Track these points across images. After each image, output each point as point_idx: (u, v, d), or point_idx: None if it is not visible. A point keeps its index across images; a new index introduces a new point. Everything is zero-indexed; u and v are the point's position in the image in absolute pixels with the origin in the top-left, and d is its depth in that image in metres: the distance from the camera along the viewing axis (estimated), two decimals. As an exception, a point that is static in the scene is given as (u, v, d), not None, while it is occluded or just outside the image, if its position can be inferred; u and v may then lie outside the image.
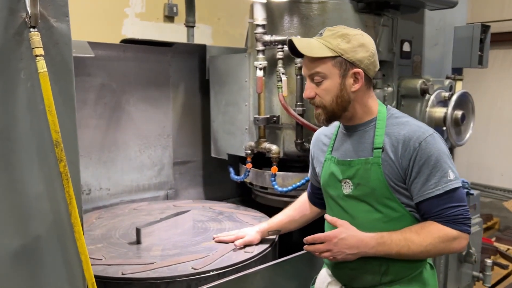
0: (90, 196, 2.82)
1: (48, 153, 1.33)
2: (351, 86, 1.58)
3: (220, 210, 2.75)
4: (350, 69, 1.57)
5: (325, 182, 1.76)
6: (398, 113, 1.67)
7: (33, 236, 1.34)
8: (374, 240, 1.55)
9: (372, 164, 1.58)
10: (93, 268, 1.84)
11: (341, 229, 1.60)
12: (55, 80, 1.31)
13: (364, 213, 1.63)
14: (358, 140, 1.65)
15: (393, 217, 1.59)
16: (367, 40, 1.61)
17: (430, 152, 1.52)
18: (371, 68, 1.60)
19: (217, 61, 3.01)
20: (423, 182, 1.52)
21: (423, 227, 1.54)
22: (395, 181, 1.56)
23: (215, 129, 3.09)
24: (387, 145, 1.57)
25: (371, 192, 1.59)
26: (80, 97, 2.70)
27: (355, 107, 1.62)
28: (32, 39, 1.25)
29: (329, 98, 1.59)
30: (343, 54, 1.55)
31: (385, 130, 1.60)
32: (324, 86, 1.59)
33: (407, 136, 1.55)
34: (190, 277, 1.86)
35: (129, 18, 4.68)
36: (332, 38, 1.58)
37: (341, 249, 1.56)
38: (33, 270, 1.36)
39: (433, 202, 1.53)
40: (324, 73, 1.57)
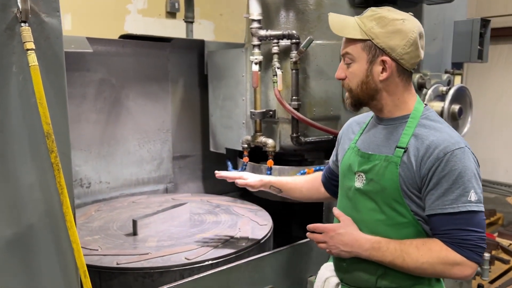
0: (90, 189, 2.87)
1: (40, 145, 1.37)
2: (379, 74, 1.48)
3: (217, 203, 2.79)
4: (379, 55, 1.46)
5: (342, 171, 1.68)
6: (435, 117, 1.53)
7: (26, 225, 1.38)
8: (370, 243, 1.48)
9: (390, 163, 1.47)
10: (89, 258, 1.91)
11: (340, 224, 1.57)
12: (46, 73, 1.35)
13: (369, 212, 1.54)
14: (385, 135, 1.54)
15: (398, 222, 1.49)
16: (408, 27, 1.45)
17: (454, 166, 1.38)
18: (406, 58, 1.46)
19: (215, 56, 3.04)
20: (439, 196, 1.40)
21: (425, 243, 1.43)
22: (408, 186, 1.45)
23: (213, 124, 3.12)
24: (412, 147, 1.45)
25: (381, 190, 1.49)
26: (80, 92, 2.75)
27: (384, 98, 1.51)
28: (23, 33, 1.29)
29: (355, 83, 1.51)
30: (374, 38, 1.44)
31: (414, 130, 1.47)
32: (352, 68, 1.51)
33: (434, 143, 1.42)
34: (183, 267, 1.90)
35: (131, 14, 4.72)
36: (368, 19, 1.47)
37: (336, 244, 1.53)
38: (26, 258, 1.40)
39: (444, 219, 1.40)
40: (353, 55, 1.49)
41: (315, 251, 2.29)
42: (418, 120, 1.49)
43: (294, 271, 2.19)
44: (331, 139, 2.65)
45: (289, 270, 2.17)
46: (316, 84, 2.61)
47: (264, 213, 2.60)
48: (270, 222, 2.44)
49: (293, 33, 2.50)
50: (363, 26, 1.47)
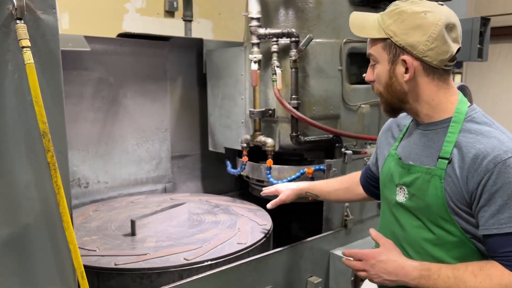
0: (88, 189, 2.85)
1: (36, 144, 1.34)
2: (403, 75, 1.33)
3: (216, 203, 2.77)
4: (400, 54, 1.32)
5: (383, 182, 1.53)
6: (481, 118, 1.33)
7: (22, 225, 1.36)
8: (417, 271, 1.30)
9: (432, 176, 1.31)
10: (87, 258, 1.88)
11: (381, 250, 1.40)
12: (43, 71, 1.33)
13: (414, 229, 1.39)
14: (425, 143, 1.38)
15: (448, 241, 1.32)
16: (430, 20, 1.28)
17: (508, 178, 1.20)
18: (430, 55, 1.29)
19: (213, 55, 3.02)
20: (493, 213, 1.22)
21: (483, 268, 1.23)
22: (456, 202, 1.28)
23: (212, 123, 3.10)
24: (456, 157, 1.28)
25: (426, 208, 1.34)
26: (78, 91, 2.73)
27: (417, 101, 1.36)
28: (19, 30, 1.26)
29: (382, 86, 1.39)
30: (392, 36, 1.32)
31: (458, 136, 1.29)
32: (377, 70, 1.39)
33: (482, 152, 1.23)
34: (181, 268, 1.88)
35: (129, 13, 4.70)
36: (388, 15, 1.34)
37: (378, 272, 1.36)
38: (22, 259, 1.37)
39: (502, 240, 1.22)
40: (375, 56, 1.38)
41: (315, 251, 2.27)
42: (462, 123, 1.31)
43: (294, 272, 2.17)
44: (331, 138, 2.63)
45: (289, 270, 2.15)
46: (316, 83, 2.59)
47: (264, 213, 2.58)
48: (269, 222, 2.42)
49: (293, 31, 2.48)
50: (382, 23, 1.34)
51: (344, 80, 2.65)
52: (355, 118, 2.74)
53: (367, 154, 2.55)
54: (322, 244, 2.31)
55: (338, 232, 2.41)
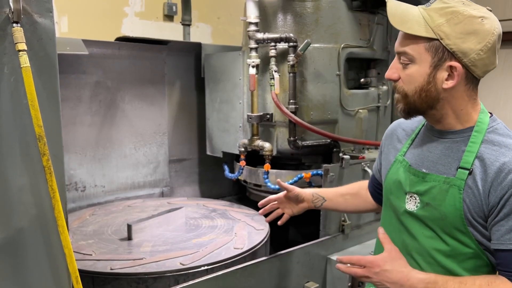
0: (85, 193, 2.84)
1: (31, 147, 1.34)
2: (443, 81, 1.24)
3: (213, 208, 2.76)
4: (447, 59, 1.22)
5: (388, 189, 1.46)
6: (504, 129, 1.29)
7: (16, 229, 1.35)
8: (423, 284, 1.25)
9: (451, 186, 1.26)
10: (82, 263, 1.87)
11: (386, 258, 1.33)
12: (39, 75, 1.32)
13: (427, 239, 1.34)
14: (443, 151, 1.32)
15: (461, 253, 1.28)
16: (487, 28, 1.21)
17: None
18: (479, 65, 1.22)
19: (212, 59, 3.02)
20: (510, 229, 1.18)
21: (491, 284, 1.20)
22: (474, 215, 1.24)
23: (210, 127, 3.10)
24: (477, 168, 1.23)
25: (441, 218, 1.29)
26: (75, 95, 2.73)
27: (445, 108, 1.29)
28: (15, 34, 1.26)
29: (412, 88, 1.28)
30: (443, 38, 1.21)
31: (480, 147, 1.25)
32: (409, 71, 1.27)
33: (507, 165, 1.19)
34: (177, 273, 1.87)
35: (128, 17, 4.70)
36: (438, 13, 1.23)
37: (382, 281, 1.31)
38: (16, 263, 1.36)
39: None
40: (413, 56, 1.25)
41: (312, 257, 2.26)
42: (484, 134, 1.26)
43: (291, 277, 2.16)
44: (329, 143, 2.63)
45: (285, 276, 2.14)
46: (314, 87, 2.59)
47: (261, 217, 2.56)
48: (266, 227, 2.41)
49: (291, 36, 2.49)
50: (430, 21, 1.23)
51: (342, 85, 2.65)
52: (353, 123, 2.74)
53: (365, 159, 2.55)
54: (319, 249, 2.30)
55: (335, 237, 2.40)
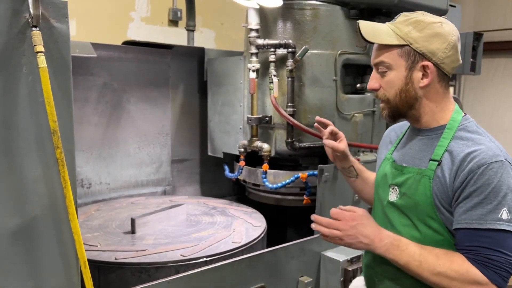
0: (91, 190, 2.96)
1: (46, 141, 1.46)
2: (419, 81, 1.40)
3: (213, 205, 2.88)
4: (419, 61, 1.38)
5: (377, 182, 1.61)
6: (473, 127, 1.41)
7: (30, 216, 1.47)
8: (390, 240, 1.38)
9: (423, 176, 1.39)
10: (88, 253, 1.98)
11: (361, 215, 1.43)
12: (54, 74, 1.45)
13: (404, 227, 1.46)
14: (420, 147, 1.47)
15: (434, 240, 1.39)
16: (447, 30, 1.39)
17: (489, 180, 1.27)
18: (446, 62, 1.39)
19: (214, 63, 3.15)
20: (467, 209, 1.30)
21: (447, 254, 1.33)
22: (442, 202, 1.36)
23: (211, 129, 3.22)
24: (446, 160, 1.36)
25: (414, 206, 1.41)
26: (83, 95, 2.85)
27: (423, 106, 1.43)
28: (34, 37, 1.38)
29: (393, 92, 1.42)
30: (413, 43, 1.37)
31: (450, 142, 1.38)
32: (388, 77, 1.42)
33: (470, 155, 1.31)
34: (178, 263, 1.98)
35: (134, 21, 4.84)
36: (403, 24, 1.40)
37: (356, 233, 1.40)
38: (29, 248, 1.48)
39: (470, 234, 1.30)
40: (389, 63, 1.41)
41: (306, 252, 2.37)
42: (455, 131, 1.40)
43: (286, 271, 2.26)
44: (325, 145, 2.73)
45: (281, 269, 2.24)
46: (311, 91, 2.71)
47: (259, 215, 2.69)
48: (264, 224, 2.52)
49: (290, 42, 2.61)
50: (399, 31, 1.39)
51: (339, 89, 2.77)
52: (349, 126, 2.85)
53: (360, 161, 2.65)
54: (314, 245, 2.40)
55: (330, 235, 2.50)
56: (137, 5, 4.86)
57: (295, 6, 2.70)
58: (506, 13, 7.50)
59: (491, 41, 6.62)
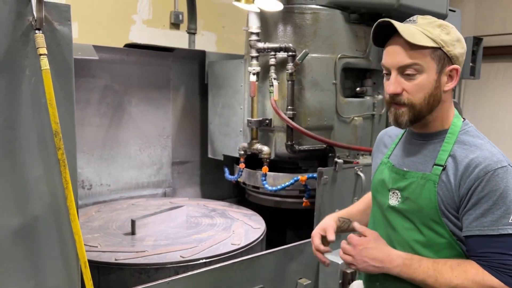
0: (91, 191, 2.98)
1: (47, 142, 1.48)
2: (445, 84, 1.38)
3: (213, 208, 2.89)
4: (447, 65, 1.36)
5: (375, 187, 1.60)
6: (474, 132, 1.44)
7: (32, 216, 1.49)
8: (401, 259, 1.38)
9: (427, 181, 1.40)
10: (89, 254, 2.00)
11: (370, 238, 1.44)
12: (57, 76, 1.47)
13: (406, 231, 1.45)
14: (421, 151, 1.46)
15: (437, 243, 1.40)
16: (461, 36, 1.40)
17: (496, 186, 1.29)
18: (461, 67, 1.40)
19: (215, 66, 3.17)
20: (477, 216, 1.31)
21: (460, 264, 1.34)
22: (447, 206, 1.37)
23: (212, 131, 3.24)
24: (450, 165, 1.37)
25: (418, 210, 1.41)
26: (84, 97, 2.87)
27: (440, 110, 1.42)
28: (37, 39, 1.41)
29: (421, 96, 1.38)
30: (444, 46, 1.35)
31: (453, 147, 1.39)
32: (417, 81, 1.37)
33: (474, 161, 1.32)
34: (178, 264, 2.00)
35: (136, 24, 4.86)
36: (431, 26, 1.37)
37: (364, 258, 1.41)
38: (30, 248, 1.50)
39: (482, 241, 1.31)
40: (422, 66, 1.35)
41: (305, 254, 2.38)
42: (457, 136, 1.41)
43: (285, 273, 2.28)
44: (324, 148, 2.76)
45: (279, 271, 2.26)
46: (311, 95, 2.73)
47: (258, 217, 2.70)
48: (263, 226, 2.53)
49: (290, 46, 2.63)
50: (429, 33, 1.35)
51: (338, 93, 2.79)
52: (348, 129, 2.87)
53: (359, 164, 2.67)
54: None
55: (329, 237, 2.51)
56: (139, 8, 4.89)
57: (295, 10, 2.73)
58: (506, 18, 7.51)
59: (491, 46, 6.64)
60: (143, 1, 4.92)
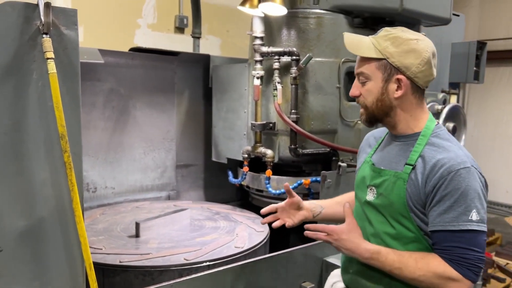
0: (96, 194, 2.99)
1: (54, 145, 1.50)
2: (394, 92, 1.52)
3: (217, 211, 2.90)
4: (394, 74, 1.50)
5: (357, 184, 1.74)
6: (445, 135, 1.56)
7: (37, 218, 1.50)
8: (369, 253, 1.52)
9: (398, 179, 1.53)
10: (93, 256, 2.00)
11: (344, 229, 1.57)
12: (63, 80, 1.49)
13: (379, 224, 1.59)
14: (397, 152, 1.59)
15: (405, 236, 1.53)
16: (422, 47, 1.49)
17: (458, 185, 1.41)
18: (420, 76, 1.51)
19: (219, 70, 3.19)
20: (440, 213, 1.43)
21: (424, 257, 1.47)
22: (414, 203, 1.49)
23: (215, 134, 3.25)
24: (419, 164, 1.49)
25: (389, 205, 1.54)
26: (90, 101, 2.89)
27: (398, 114, 1.56)
28: (44, 44, 1.43)
29: (371, 100, 1.55)
30: (389, 57, 1.49)
31: (424, 148, 1.51)
32: (367, 87, 1.55)
33: (440, 161, 1.45)
34: (181, 267, 2.01)
35: (141, 28, 4.89)
36: (383, 39, 1.52)
37: (338, 246, 1.58)
38: (36, 249, 1.51)
39: (445, 236, 1.43)
40: (368, 74, 1.54)
41: (309, 258, 2.38)
42: (428, 138, 1.52)
43: (288, 277, 2.28)
44: (328, 152, 2.77)
45: (283, 275, 2.26)
46: (315, 99, 2.74)
47: (262, 221, 2.70)
48: (267, 229, 2.54)
49: (294, 50, 2.64)
50: (378, 45, 1.51)
51: (342, 97, 2.80)
52: (352, 133, 2.88)
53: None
54: (316, 251, 2.42)
55: (332, 241, 2.52)
56: (144, 12, 4.92)
57: (299, 15, 2.75)
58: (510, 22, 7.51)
59: (495, 50, 6.63)
60: (148, 5, 4.95)
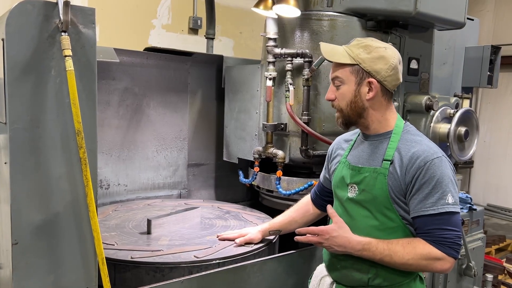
0: (109, 191, 3.04)
1: (70, 141, 1.53)
2: (366, 94, 1.69)
3: (227, 210, 2.93)
4: (366, 78, 1.69)
5: (335, 184, 1.88)
6: (414, 131, 1.76)
7: (53, 212, 1.54)
8: (361, 245, 1.67)
9: (379, 174, 1.68)
10: (105, 251, 2.03)
11: (334, 227, 1.74)
12: (80, 77, 1.52)
13: (363, 218, 1.73)
14: (372, 150, 1.75)
15: (389, 227, 1.69)
16: (389, 54, 1.70)
17: (433, 174, 1.59)
18: (388, 80, 1.70)
19: (232, 71, 3.22)
20: (421, 199, 1.61)
21: (410, 242, 1.63)
22: (396, 194, 1.65)
23: (227, 134, 3.28)
24: (396, 159, 1.66)
25: (373, 199, 1.69)
26: (105, 99, 2.94)
27: (370, 115, 1.73)
28: (63, 41, 1.47)
29: (345, 103, 1.72)
30: (361, 63, 1.68)
31: (397, 144, 1.68)
32: (341, 90, 1.72)
33: (415, 154, 1.63)
34: (192, 264, 2.03)
35: (155, 29, 4.95)
36: (355, 47, 1.71)
37: (331, 244, 1.73)
38: (51, 243, 1.55)
39: (427, 220, 1.60)
40: (342, 78, 1.71)
41: (317, 258, 2.39)
42: (400, 135, 1.71)
43: (298, 276, 2.30)
44: (339, 154, 2.77)
45: (292, 274, 2.28)
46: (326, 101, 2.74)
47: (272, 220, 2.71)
48: (276, 229, 2.55)
49: (306, 52, 2.66)
50: (351, 52, 1.69)
51: (354, 99, 2.80)
52: (363, 135, 2.88)
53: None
54: (325, 252, 2.43)
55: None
56: (158, 13, 4.98)
57: (313, 17, 2.76)
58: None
59: (509, 55, 6.58)
60: (163, 6, 5.01)
